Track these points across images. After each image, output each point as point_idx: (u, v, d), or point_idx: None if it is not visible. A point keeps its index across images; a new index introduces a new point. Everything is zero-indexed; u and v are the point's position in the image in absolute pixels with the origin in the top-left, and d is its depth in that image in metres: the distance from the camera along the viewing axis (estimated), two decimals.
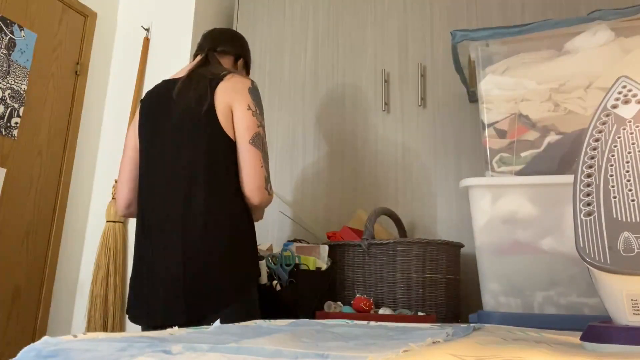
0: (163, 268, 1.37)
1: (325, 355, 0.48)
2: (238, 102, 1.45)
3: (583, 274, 1.17)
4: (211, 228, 1.39)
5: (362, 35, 2.24)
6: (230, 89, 1.46)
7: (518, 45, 1.49)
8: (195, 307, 1.33)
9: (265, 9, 2.42)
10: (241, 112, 1.45)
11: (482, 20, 2.05)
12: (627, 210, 0.67)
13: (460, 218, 1.92)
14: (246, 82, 1.50)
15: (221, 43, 1.67)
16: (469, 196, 1.38)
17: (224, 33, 1.71)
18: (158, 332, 0.70)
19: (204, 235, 1.37)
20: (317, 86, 2.26)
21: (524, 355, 0.54)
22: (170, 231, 1.39)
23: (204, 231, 1.38)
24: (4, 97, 2.01)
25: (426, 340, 0.64)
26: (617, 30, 1.40)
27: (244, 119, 1.45)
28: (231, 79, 1.49)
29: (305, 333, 0.72)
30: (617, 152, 0.71)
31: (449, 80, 2.04)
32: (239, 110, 1.45)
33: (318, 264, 1.70)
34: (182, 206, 1.39)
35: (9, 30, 2.05)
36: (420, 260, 1.63)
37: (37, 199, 2.12)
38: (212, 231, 1.39)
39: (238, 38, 1.73)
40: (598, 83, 1.38)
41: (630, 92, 0.76)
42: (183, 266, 1.35)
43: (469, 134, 1.98)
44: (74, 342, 0.53)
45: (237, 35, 1.75)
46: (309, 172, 2.19)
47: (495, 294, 1.31)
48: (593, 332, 0.68)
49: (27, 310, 2.08)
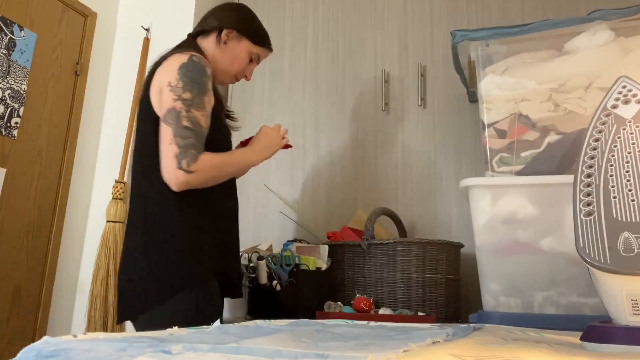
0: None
1: (325, 355, 0.48)
2: (164, 82, 1.33)
3: (583, 274, 1.17)
4: (130, 223, 1.37)
5: (362, 35, 2.24)
6: (164, 70, 1.36)
7: (518, 45, 1.49)
8: (120, 309, 1.33)
9: (265, 9, 2.42)
10: (162, 92, 1.33)
11: (482, 20, 2.05)
12: (627, 210, 0.67)
13: (460, 218, 1.92)
14: (181, 58, 1.35)
15: (199, 24, 1.54)
16: (469, 196, 1.38)
17: (208, 13, 1.56)
18: (158, 332, 0.70)
19: (126, 232, 1.38)
20: (317, 86, 2.26)
21: (524, 355, 0.54)
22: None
23: (127, 227, 1.38)
24: (4, 97, 2.01)
25: (426, 340, 0.64)
26: (617, 30, 1.40)
27: (161, 98, 1.33)
28: (169, 59, 1.37)
29: (305, 333, 0.72)
30: (617, 152, 0.71)
31: (449, 80, 2.03)
32: (163, 91, 1.33)
33: (318, 264, 1.70)
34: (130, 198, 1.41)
35: (9, 30, 2.04)
36: (420, 260, 1.63)
37: (37, 199, 2.12)
38: (130, 227, 1.37)
39: (220, 9, 1.55)
40: (598, 83, 1.38)
41: (630, 92, 0.76)
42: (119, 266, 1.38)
43: (469, 134, 1.98)
44: (74, 342, 0.53)
45: (220, 7, 1.56)
46: (309, 172, 2.19)
47: (495, 294, 1.31)
48: (593, 332, 0.68)
49: (27, 310, 2.08)
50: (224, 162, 1.37)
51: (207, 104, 1.34)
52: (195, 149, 1.29)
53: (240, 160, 1.43)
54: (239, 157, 1.43)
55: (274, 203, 2.17)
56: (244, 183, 2.28)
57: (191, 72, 1.34)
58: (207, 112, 1.34)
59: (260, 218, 2.22)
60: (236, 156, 1.42)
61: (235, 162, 1.41)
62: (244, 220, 2.26)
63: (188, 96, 1.31)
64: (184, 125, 1.29)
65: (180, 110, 1.29)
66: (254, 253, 1.67)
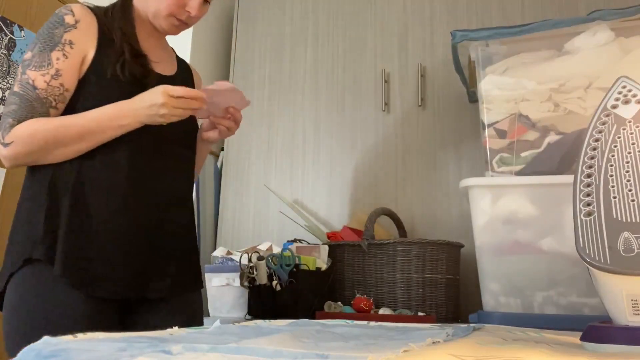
0: None
1: (325, 356, 0.48)
2: None
3: (583, 274, 1.17)
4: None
5: (362, 35, 2.24)
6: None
7: (518, 45, 1.49)
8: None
9: (265, 9, 2.42)
10: None
11: (482, 20, 2.05)
12: (627, 210, 0.67)
13: (460, 218, 1.92)
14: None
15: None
16: (469, 196, 1.38)
17: None
18: (158, 332, 0.70)
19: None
20: (317, 86, 2.26)
21: (524, 355, 0.54)
22: None
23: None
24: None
25: (426, 340, 0.64)
26: (617, 30, 1.40)
27: None
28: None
29: (305, 333, 0.72)
30: (617, 152, 0.71)
31: (449, 80, 2.03)
32: None
33: (318, 264, 1.70)
34: None
35: (9, 30, 2.05)
36: (420, 260, 1.63)
37: None
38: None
39: None
40: (598, 83, 1.38)
41: (630, 92, 0.76)
42: None
43: (469, 134, 1.98)
44: (74, 342, 0.53)
45: None
46: (309, 172, 2.19)
47: (495, 294, 1.31)
48: (593, 332, 0.68)
49: None
50: (56, 126, 1.10)
51: (54, 59, 1.12)
52: (13, 117, 1.09)
53: (91, 121, 1.11)
54: (91, 117, 1.11)
55: (274, 203, 2.17)
56: (244, 183, 2.28)
57: (44, 27, 1.18)
58: (54, 68, 1.12)
59: (260, 218, 2.22)
60: (86, 117, 1.12)
61: (80, 124, 1.11)
62: (244, 220, 2.26)
63: (27, 56, 1.13)
64: (13, 91, 1.12)
65: (17, 75, 1.13)
66: (254, 253, 1.67)
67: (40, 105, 1.11)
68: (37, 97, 1.10)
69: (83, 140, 1.11)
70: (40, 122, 1.10)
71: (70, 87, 1.14)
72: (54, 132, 1.09)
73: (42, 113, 1.11)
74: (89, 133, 1.11)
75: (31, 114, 1.10)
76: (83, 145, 1.12)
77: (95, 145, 1.13)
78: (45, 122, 1.10)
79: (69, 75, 1.14)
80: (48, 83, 1.11)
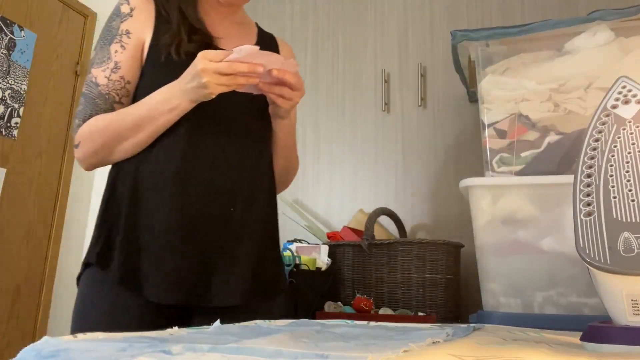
0: None
1: (325, 356, 0.48)
2: None
3: (583, 274, 1.17)
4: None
5: (362, 35, 2.24)
6: None
7: (518, 46, 1.49)
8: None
9: (265, 9, 2.42)
10: None
11: (482, 20, 2.05)
12: (627, 210, 0.67)
13: (460, 218, 1.92)
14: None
15: None
16: (469, 196, 1.38)
17: None
18: (158, 332, 0.70)
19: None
20: (317, 86, 2.26)
21: (524, 355, 0.54)
22: None
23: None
24: (4, 97, 2.01)
25: (426, 340, 0.64)
26: (617, 30, 1.40)
27: None
28: None
29: (305, 333, 0.72)
30: (617, 152, 0.71)
31: (449, 80, 2.03)
32: None
33: (318, 264, 1.70)
34: None
35: (9, 30, 2.04)
36: (420, 260, 1.63)
37: (37, 199, 2.12)
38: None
39: None
40: (598, 83, 1.38)
41: (630, 92, 0.76)
42: None
43: (469, 134, 1.98)
44: (74, 342, 0.53)
45: None
46: (309, 172, 2.19)
47: (495, 294, 1.31)
48: (593, 332, 0.68)
49: (27, 310, 2.08)
50: (111, 119, 1.05)
51: (112, 52, 1.08)
52: (80, 117, 1.06)
53: (142, 108, 1.04)
54: (142, 105, 1.04)
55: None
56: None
57: (103, 31, 1.13)
58: (113, 62, 1.07)
59: None
60: (138, 106, 1.05)
61: (133, 114, 1.04)
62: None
63: (92, 55, 1.11)
64: (82, 92, 1.10)
65: (88, 77, 1.10)
66: None
67: (104, 101, 1.06)
68: (100, 93, 1.06)
69: (139, 131, 1.04)
70: (99, 118, 1.05)
71: (132, 79, 1.08)
72: (109, 126, 1.04)
73: (106, 109, 1.06)
74: (142, 121, 1.03)
75: (95, 111, 1.06)
76: (140, 137, 1.04)
77: (152, 135, 1.04)
78: (102, 117, 1.05)
79: (127, 66, 1.08)
80: (108, 78, 1.07)
